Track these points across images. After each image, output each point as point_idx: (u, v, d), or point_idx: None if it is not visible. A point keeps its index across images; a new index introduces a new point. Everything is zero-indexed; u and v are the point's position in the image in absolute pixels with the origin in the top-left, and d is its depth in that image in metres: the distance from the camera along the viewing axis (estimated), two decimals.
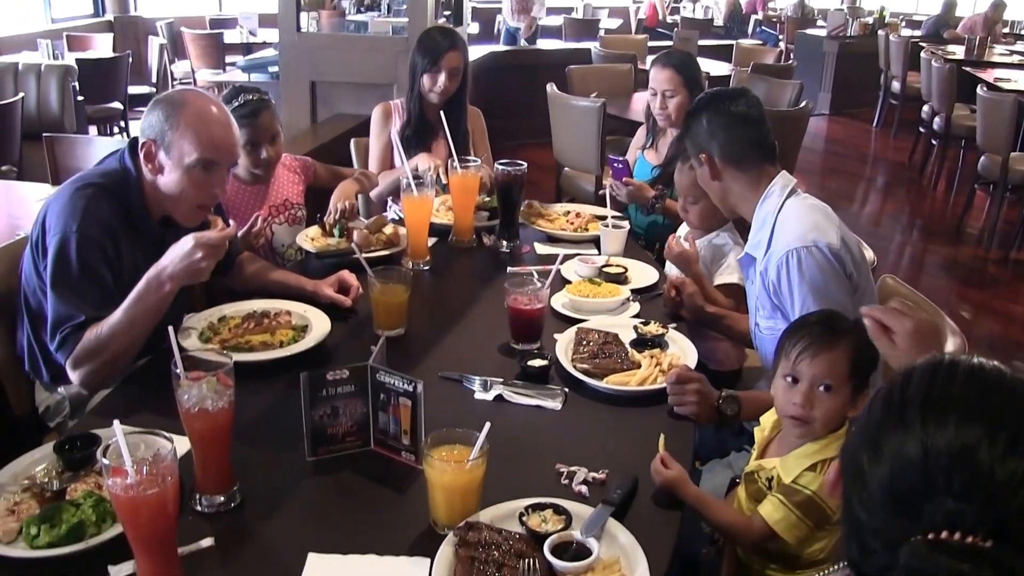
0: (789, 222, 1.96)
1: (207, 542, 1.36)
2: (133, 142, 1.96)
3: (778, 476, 1.59)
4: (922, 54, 7.64)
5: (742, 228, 2.35)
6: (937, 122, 7.12)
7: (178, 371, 1.37)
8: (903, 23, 11.43)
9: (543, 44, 9.07)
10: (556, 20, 10.98)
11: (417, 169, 2.79)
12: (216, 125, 1.91)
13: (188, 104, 1.89)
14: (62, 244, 1.83)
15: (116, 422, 1.18)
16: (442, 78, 3.06)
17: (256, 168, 2.63)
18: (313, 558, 1.34)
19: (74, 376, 1.87)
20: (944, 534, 0.71)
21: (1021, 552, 0.71)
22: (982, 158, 5.97)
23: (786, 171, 2.07)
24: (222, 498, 1.45)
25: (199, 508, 1.44)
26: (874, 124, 9.62)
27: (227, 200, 2.58)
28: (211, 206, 2.03)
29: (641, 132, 3.54)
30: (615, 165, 3.09)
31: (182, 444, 1.39)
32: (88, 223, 1.85)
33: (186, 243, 1.77)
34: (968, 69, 7.40)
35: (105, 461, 1.15)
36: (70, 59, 7.05)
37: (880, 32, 9.50)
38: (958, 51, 8.69)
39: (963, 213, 6.30)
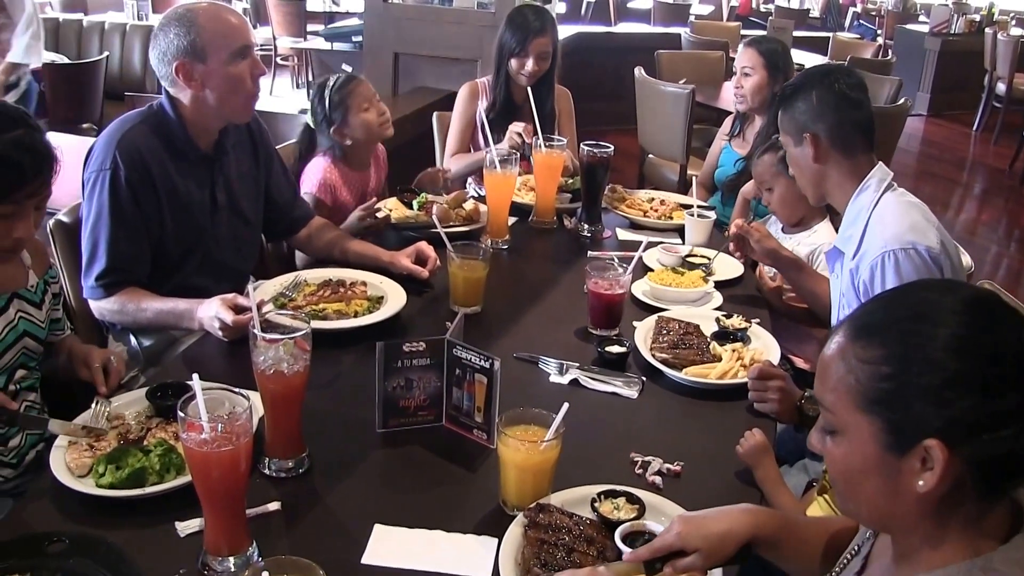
0: (886, 220, 1.85)
1: (274, 506, 1.36)
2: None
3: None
4: None
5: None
6: None
7: (256, 331, 1.36)
8: (1013, 21, 10.85)
9: (631, 27, 8.89)
10: (646, 3, 10.77)
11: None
12: (228, 15, 1.97)
13: (194, 11, 1.93)
14: (95, 182, 1.91)
15: (195, 376, 1.18)
16: (530, 63, 3.01)
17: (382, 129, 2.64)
18: (380, 529, 1.33)
19: (93, 306, 2.00)
20: None
21: None
22: None
23: (883, 163, 1.96)
24: (291, 463, 1.45)
25: (267, 472, 1.44)
26: (974, 128, 9.14)
27: (335, 185, 2.59)
28: (257, 97, 2.04)
29: (728, 121, 3.43)
30: None
31: (258, 405, 1.39)
32: (121, 156, 1.90)
33: (213, 307, 1.81)
34: None
35: (181, 415, 1.15)
36: (154, 20, 7.20)
37: (987, 30, 9.00)
38: None
39: None
